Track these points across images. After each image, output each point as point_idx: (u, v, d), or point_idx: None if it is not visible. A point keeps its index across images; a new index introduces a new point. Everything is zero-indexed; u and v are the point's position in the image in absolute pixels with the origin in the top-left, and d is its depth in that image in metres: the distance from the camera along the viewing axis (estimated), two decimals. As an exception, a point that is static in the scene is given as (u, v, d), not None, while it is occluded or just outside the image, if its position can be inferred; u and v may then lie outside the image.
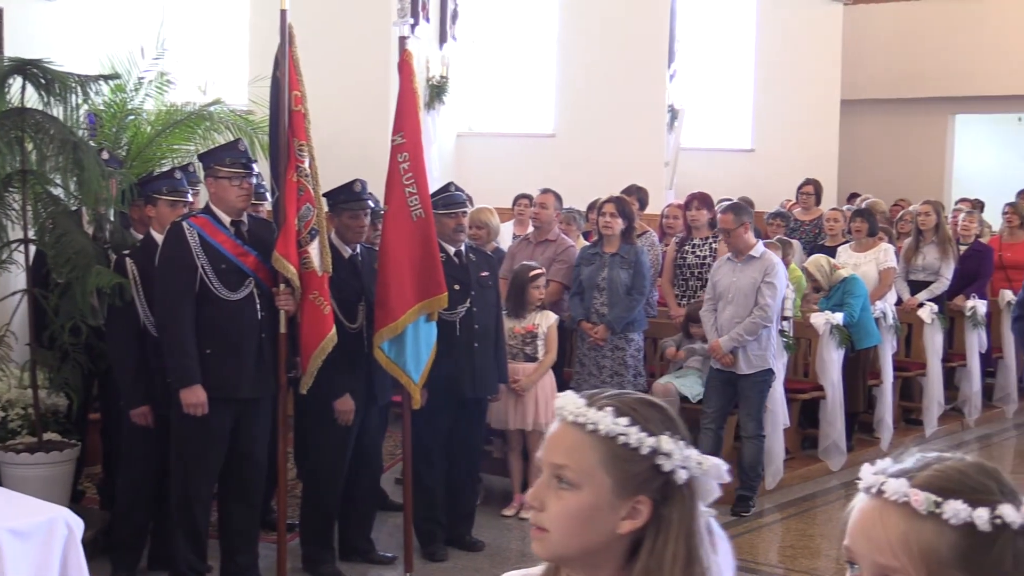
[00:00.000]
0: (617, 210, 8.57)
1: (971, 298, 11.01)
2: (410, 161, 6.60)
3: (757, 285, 8.12)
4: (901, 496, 1.47)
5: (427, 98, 14.63)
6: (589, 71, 15.48)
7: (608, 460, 1.79)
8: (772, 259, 8.27)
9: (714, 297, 8.36)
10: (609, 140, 15.13)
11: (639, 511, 1.80)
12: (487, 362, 7.31)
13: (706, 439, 8.36)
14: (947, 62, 18.77)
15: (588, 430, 1.80)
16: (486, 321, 7.33)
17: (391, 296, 6.55)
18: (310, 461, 6.94)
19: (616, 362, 8.53)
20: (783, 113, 17.24)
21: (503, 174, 14.95)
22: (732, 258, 8.31)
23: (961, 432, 11.00)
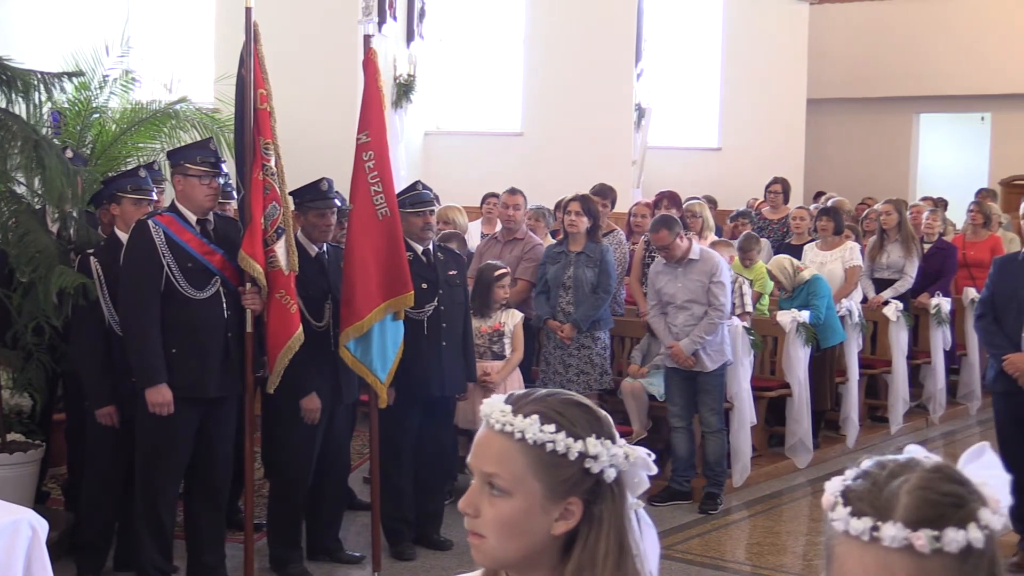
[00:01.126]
0: (582, 208, 8.57)
1: (935, 296, 11.07)
2: (375, 160, 6.58)
3: (706, 287, 8.15)
4: (901, 542, 1.43)
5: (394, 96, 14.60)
6: (556, 70, 15.50)
7: (537, 467, 1.80)
8: (714, 258, 8.28)
9: (660, 303, 8.37)
10: (577, 139, 15.15)
11: (571, 512, 1.82)
12: (455, 361, 7.30)
13: (679, 438, 8.38)
14: (912, 62, 18.90)
15: (515, 438, 1.80)
16: (454, 320, 7.32)
17: (356, 295, 6.53)
18: (277, 460, 6.90)
19: (582, 360, 8.54)
20: (749, 112, 17.31)
21: (471, 173, 14.95)
22: (669, 263, 8.29)
23: (926, 429, 11.06)
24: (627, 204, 11.78)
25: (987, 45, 18.39)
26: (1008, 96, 18.39)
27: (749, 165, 16.54)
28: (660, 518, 8.04)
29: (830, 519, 1.50)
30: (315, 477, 6.80)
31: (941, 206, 14.36)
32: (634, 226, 10.38)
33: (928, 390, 11.26)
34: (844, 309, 9.97)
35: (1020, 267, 7.13)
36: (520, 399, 1.85)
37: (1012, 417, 7.15)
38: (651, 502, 8.21)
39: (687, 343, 8.14)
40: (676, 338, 8.21)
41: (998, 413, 7.33)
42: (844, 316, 9.92)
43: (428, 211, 7.22)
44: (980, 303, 7.47)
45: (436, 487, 7.46)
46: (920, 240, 11.33)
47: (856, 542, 1.46)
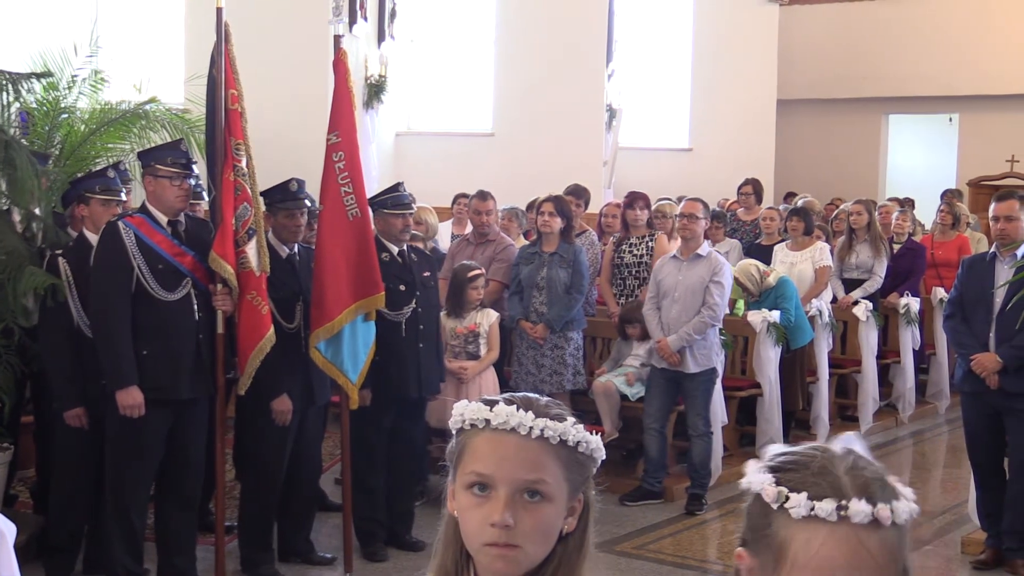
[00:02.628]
0: (555, 209, 8.59)
1: (904, 296, 11.13)
2: (345, 160, 6.58)
3: (705, 284, 8.15)
4: (868, 517, 1.51)
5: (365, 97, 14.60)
6: (528, 70, 15.51)
7: (569, 467, 1.85)
8: (719, 259, 8.32)
9: (657, 295, 8.36)
10: (548, 139, 15.18)
11: (575, 508, 1.88)
12: (431, 362, 7.31)
13: (651, 440, 8.39)
14: (881, 63, 19.01)
15: (553, 442, 1.84)
16: (430, 321, 7.33)
17: (327, 296, 6.52)
18: (248, 462, 6.88)
19: (555, 360, 8.55)
20: (720, 113, 17.37)
21: (442, 173, 14.96)
22: (678, 256, 8.33)
23: (895, 428, 11.12)
24: (598, 205, 11.80)
25: (955, 47, 18.51)
26: (975, 97, 18.52)
27: (720, 165, 16.60)
28: (632, 518, 8.06)
29: (787, 508, 1.53)
30: (287, 479, 6.79)
31: (908, 205, 14.45)
32: (605, 226, 10.38)
33: (897, 389, 11.32)
34: (814, 309, 10.02)
35: (988, 267, 7.17)
36: (532, 404, 1.87)
37: (980, 416, 7.19)
38: (622, 501, 8.23)
39: (675, 339, 8.14)
40: (665, 331, 8.22)
41: (966, 412, 7.37)
42: (814, 316, 9.97)
43: (408, 213, 7.23)
44: (949, 303, 7.51)
45: (408, 488, 7.46)
46: (889, 240, 11.39)
47: (822, 525, 1.51)
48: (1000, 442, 7.14)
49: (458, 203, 11.21)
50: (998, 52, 18.35)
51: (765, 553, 1.57)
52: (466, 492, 1.85)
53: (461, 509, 1.86)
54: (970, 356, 7.07)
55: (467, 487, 1.85)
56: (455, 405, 1.92)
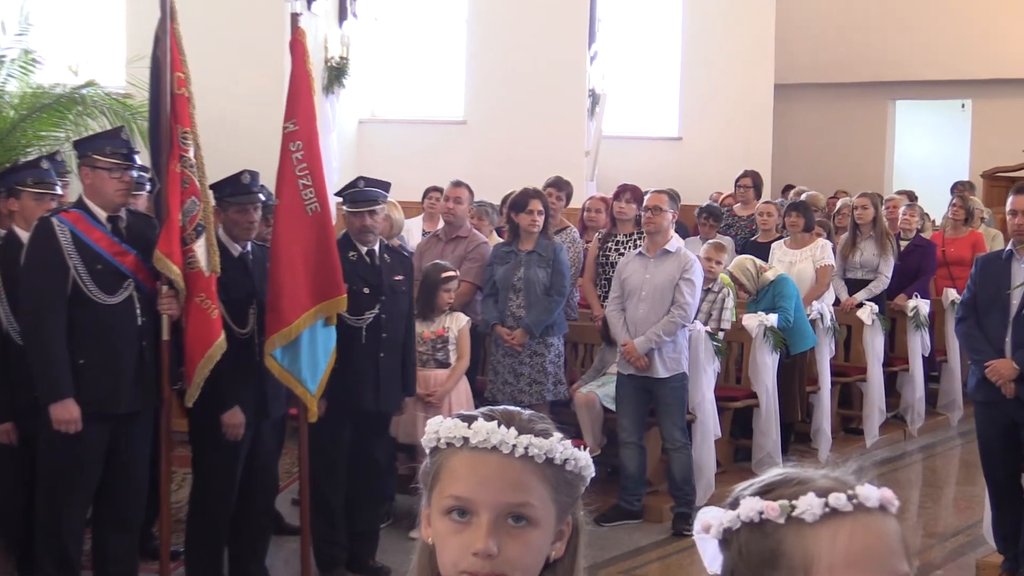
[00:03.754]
0: (544, 206, 8.66)
1: (913, 297, 11.16)
2: (304, 150, 6.56)
3: (674, 282, 8.18)
4: (876, 501, 1.57)
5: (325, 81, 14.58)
6: (503, 52, 15.51)
7: (556, 488, 1.85)
8: (689, 255, 8.36)
9: (622, 295, 8.38)
10: (525, 127, 15.18)
11: (564, 532, 1.88)
12: (393, 374, 7.27)
13: (628, 454, 8.38)
14: (887, 44, 19.07)
15: (539, 461, 1.83)
16: (395, 329, 7.29)
17: (284, 298, 6.50)
18: (196, 481, 6.85)
19: (535, 369, 8.55)
20: (712, 99, 17.40)
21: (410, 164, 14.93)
22: (644, 253, 8.36)
23: (904, 442, 11.15)
24: (580, 198, 11.81)
25: (968, 27, 18.60)
26: (990, 81, 18.60)
27: (712, 156, 16.64)
28: (614, 540, 8.06)
29: (798, 516, 1.57)
30: (239, 499, 6.76)
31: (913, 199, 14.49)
32: (588, 221, 10.39)
33: (906, 399, 11.34)
34: (815, 312, 10.04)
35: (1004, 266, 7.18)
36: (514, 419, 1.86)
37: (995, 428, 7.20)
38: (597, 522, 8.23)
39: (642, 341, 8.15)
40: (631, 333, 8.23)
41: (980, 424, 7.39)
42: (815, 320, 9.99)
43: (367, 211, 7.17)
44: (961, 305, 7.53)
45: (372, 508, 7.44)
46: (896, 237, 11.42)
47: (843, 519, 1.57)
48: (1017, 456, 7.16)
49: (429, 197, 11.19)
50: (1015, 32, 18.44)
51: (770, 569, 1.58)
52: (444, 518, 1.83)
53: (438, 536, 1.84)
54: (984, 363, 7.09)
55: (445, 512, 1.83)
56: (429, 422, 1.91)
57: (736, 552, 1.63)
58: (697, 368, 8.59)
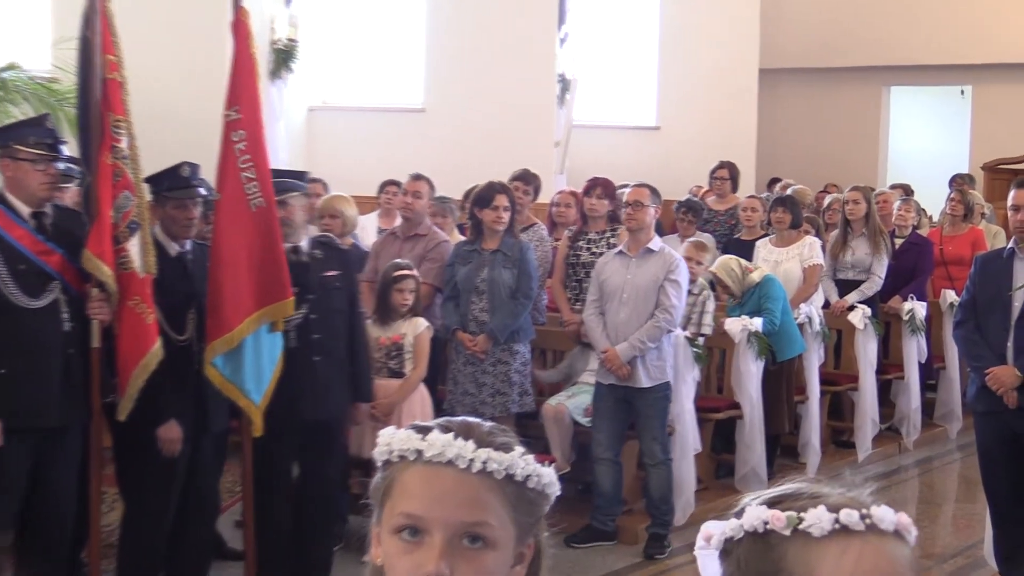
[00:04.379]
0: (510, 201, 8.66)
1: (908, 300, 11.20)
2: (247, 140, 6.54)
3: (659, 283, 8.18)
4: (892, 524, 1.58)
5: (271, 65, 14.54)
6: (465, 33, 15.51)
7: (517, 507, 1.84)
8: (673, 255, 8.36)
9: (600, 298, 8.37)
10: (489, 116, 15.18)
11: (525, 555, 1.87)
12: (332, 378, 7.23)
13: (603, 471, 8.37)
14: (881, 26, 19.15)
15: (498, 477, 1.82)
16: (329, 330, 7.25)
17: (225, 302, 6.48)
18: (129, 502, 6.81)
19: (499, 379, 8.54)
20: (692, 85, 17.44)
21: (364, 156, 14.93)
22: (624, 252, 8.35)
23: (898, 456, 11.20)
24: (549, 193, 11.82)
25: (969, 7, 18.70)
26: (991, 66, 18.69)
27: (692, 147, 16.68)
28: (586, 563, 8.07)
29: (804, 530, 1.57)
30: (176, 521, 6.73)
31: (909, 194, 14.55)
32: (556, 218, 10.39)
33: (901, 410, 11.39)
34: (803, 315, 10.07)
35: (1005, 265, 7.20)
36: (472, 431, 1.85)
37: (997, 441, 7.22)
38: (568, 543, 8.23)
39: (625, 347, 8.15)
40: (612, 339, 8.22)
41: (980, 436, 7.42)
42: (803, 324, 10.02)
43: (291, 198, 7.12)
44: (960, 308, 7.56)
45: (322, 530, 7.41)
46: (890, 234, 11.47)
47: (853, 538, 1.57)
48: (1020, 471, 7.18)
49: (385, 192, 11.18)
50: (1019, 12, 18.55)
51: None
52: (394, 537, 1.82)
53: (387, 556, 1.84)
54: (985, 370, 7.12)
55: (395, 531, 1.82)
56: (381, 433, 1.90)
57: (735, 563, 1.62)
58: (676, 377, 8.60)
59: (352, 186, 11.15)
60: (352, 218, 9.46)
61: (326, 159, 15.06)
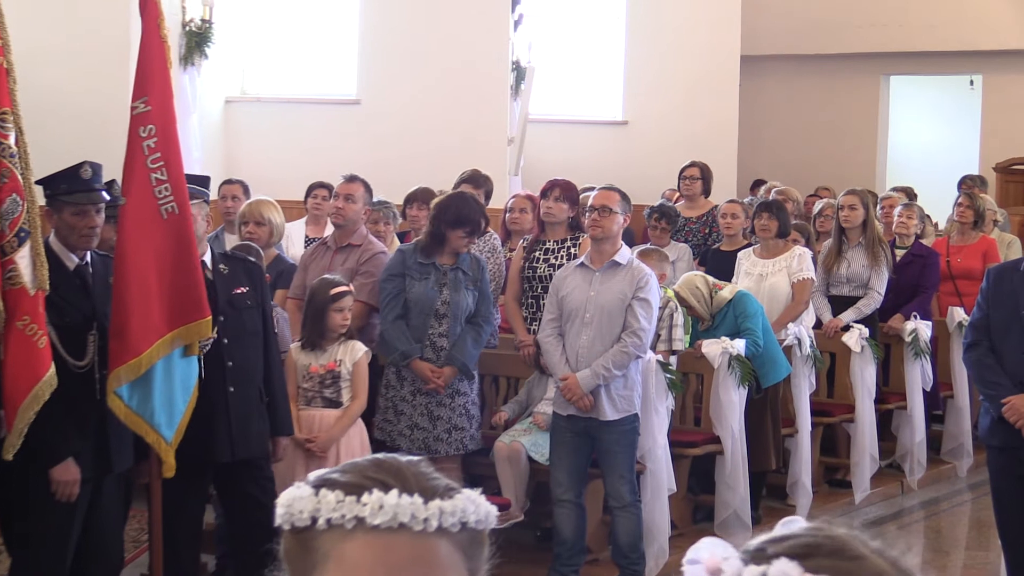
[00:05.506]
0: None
1: (911, 319, 11.23)
2: (158, 136, 6.53)
3: (626, 302, 8.16)
4: None
5: (184, 50, 14.47)
6: (404, 15, 15.49)
7: (471, 555, 1.85)
8: (643, 269, 8.32)
9: (559, 318, 8.34)
10: (432, 109, 15.16)
11: None
12: (250, 411, 7.22)
13: (565, 515, 8.33)
14: (879, 8, 19.25)
15: (454, 530, 1.81)
16: (244, 355, 7.24)
17: (132, 322, 6.45)
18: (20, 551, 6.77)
19: (456, 412, 8.49)
20: (665, 74, 17.46)
21: (289, 154, 14.89)
22: (587, 264, 8.33)
23: (901, 496, 11.22)
24: (503, 196, 11.82)
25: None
26: (1004, 53, 18.81)
27: (664, 145, 16.69)
28: (549, 622, 8.05)
29: None
30: (74, 573, 6.69)
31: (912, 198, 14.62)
32: (510, 224, 10.38)
33: (903, 444, 11.41)
34: (791, 336, 10.09)
35: (1021, 279, 7.23)
36: (409, 480, 1.83)
37: (1013, 480, 7.23)
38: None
39: (587, 375, 8.11)
40: (574, 365, 8.20)
41: (994, 474, 7.45)
42: (791, 346, 10.04)
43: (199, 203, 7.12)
44: (970, 328, 7.59)
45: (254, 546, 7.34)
46: (891, 244, 11.51)
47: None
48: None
49: (314, 196, 11.14)
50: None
51: None
52: None
53: None
54: (1001, 399, 7.14)
55: None
56: (283, 494, 1.86)
57: None
58: (647, 407, 8.59)
59: (276, 189, 11.10)
60: (280, 226, 9.44)
61: (245, 158, 15.02)
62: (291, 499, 1.83)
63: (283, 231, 9.70)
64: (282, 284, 9.16)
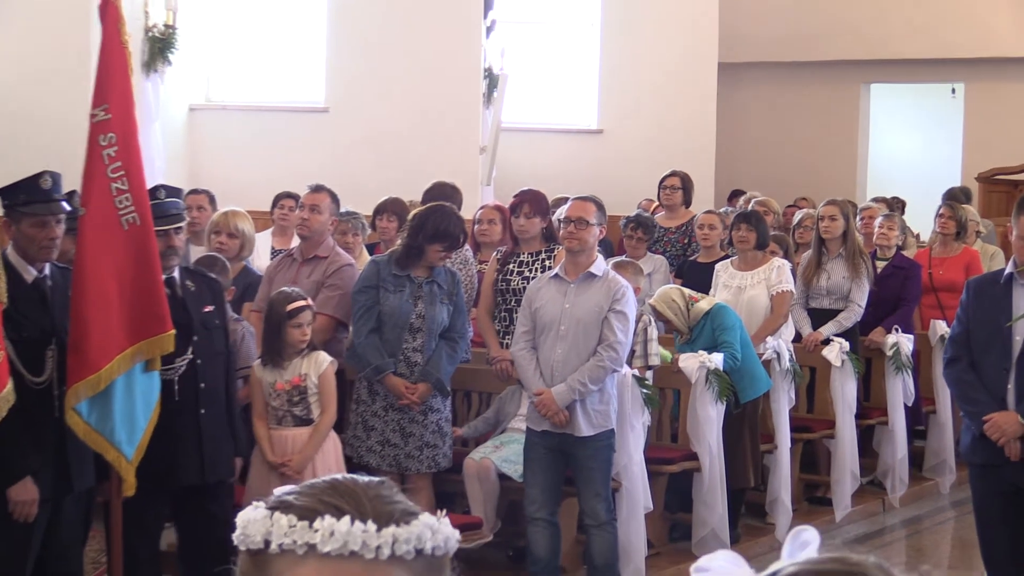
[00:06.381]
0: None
1: (893, 332, 11.25)
2: (118, 145, 6.51)
3: (602, 314, 8.16)
4: None
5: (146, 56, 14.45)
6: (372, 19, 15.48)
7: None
8: (619, 281, 8.32)
9: (532, 330, 8.33)
10: (402, 116, 15.16)
11: None
12: (219, 433, 7.21)
13: (539, 534, 8.32)
14: (859, 14, 19.30)
15: (408, 558, 1.82)
16: (215, 376, 7.23)
17: (92, 337, 6.43)
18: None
19: (429, 429, 8.48)
20: (641, 82, 17.50)
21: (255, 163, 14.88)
22: (562, 276, 8.33)
23: (882, 514, 11.23)
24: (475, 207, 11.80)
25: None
26: (986, 61, 18.88)
27: (640, 154, 16.72)
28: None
29: None
30: (32, 597, 6.67)
31: (897, 208, 14.65)
32: (479, 236, 10.36)
33: (885, 461, 11.42)
34: (770, 350, 10.09)
35: (1003, 292, 7.21)
36: (365, 504, 1.82)
37: (996, 497, 7.22)
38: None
39: (562, 390, 8.09)
40: (548, 380, 8.19)
41: (977, 492, 7.44)
42: (770, 360, 10.05)
43: (172, 230, 7.12)
44: (951, 343, 7.58)
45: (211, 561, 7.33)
46: (872, 256, 11.53)
47: None
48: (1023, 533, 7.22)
49: (280, 206, 11.12)
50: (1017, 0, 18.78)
51: None
52: None
53: None
54: (983, 416, 7.14)
55: None
56: (240, 515, 1.88)
57: None
58: (623, 422, 8.58)
59: (241, 199, 11.08)
60: (252, 239, 9.43)
61: (210, 167, 15.00)
62: (247, 520, 1.85)
63: (254, 244, 9.68)
64: (249, 297, 9.13)
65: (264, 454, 7.81)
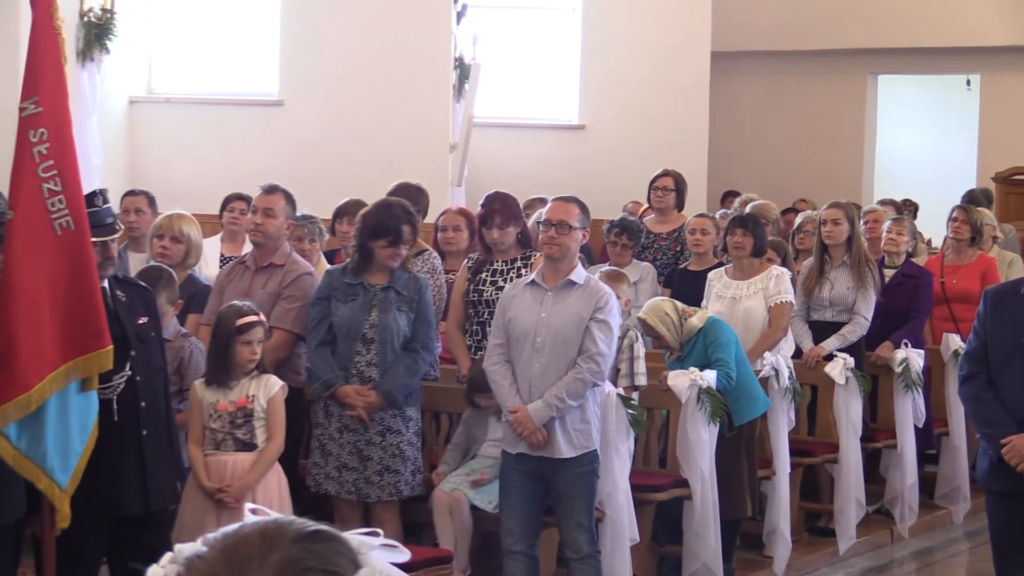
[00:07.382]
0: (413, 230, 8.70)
1: (902, 347, 11.26)
2: (50, 142, 6.50)
3: (583, 324, 8.14)
4: None
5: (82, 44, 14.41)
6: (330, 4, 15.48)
7: None
8: (602, 288, 8.30)
9: (506, 342, 8.31)
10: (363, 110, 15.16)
11: None
12: (163, 457, 7.20)
13: (516, 569, 8.30)
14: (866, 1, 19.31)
15: None
16: (155, 394, 7.22)
17: (21, 353, 6.42)
18: None
19: (388, 452, 8.46)
20: (626, 73, 17.48)
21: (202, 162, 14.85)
22: (539, 283, 8.31)
23: (891, 546, 11.24)
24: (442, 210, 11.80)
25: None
26: (1004, 50, 18.91)
27: (625, 151, 16.72)
28: None
29: None
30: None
31: (908, 211, 14.66)
32: (443, 244, 10.34)
33: (893, 487, 11.43)
34: (768, 367, 10.09)
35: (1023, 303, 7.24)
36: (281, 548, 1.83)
37: (1015, 528, 7.23)
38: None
39: (539, 407, 8.06)
40: (524, 396, 8.17)
41: (995, 522, 7.45)
42: (767, 378, 10.05)
43: (110, 240, 7.11)
44: (967, 358, 7.59)
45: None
46: (879, 263, 11.54)
47: None
48: (1045, 566, 7.24)
49: (230, 209, 11.08)
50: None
51: None
52: None
53: None
54: (1001, 438, 7.15)
55: None
56: (151, 570, 1.90)
57: None
58: (607, 446, 8.58)
59: (187, 201, 11.03)
60: (199, 245, 9.40)
61: (152, 165, 14.97)
62: None
63: (201, 250, 9.65)
64: (195, 308, 9.08)
65: (199, 480, 7.78)
